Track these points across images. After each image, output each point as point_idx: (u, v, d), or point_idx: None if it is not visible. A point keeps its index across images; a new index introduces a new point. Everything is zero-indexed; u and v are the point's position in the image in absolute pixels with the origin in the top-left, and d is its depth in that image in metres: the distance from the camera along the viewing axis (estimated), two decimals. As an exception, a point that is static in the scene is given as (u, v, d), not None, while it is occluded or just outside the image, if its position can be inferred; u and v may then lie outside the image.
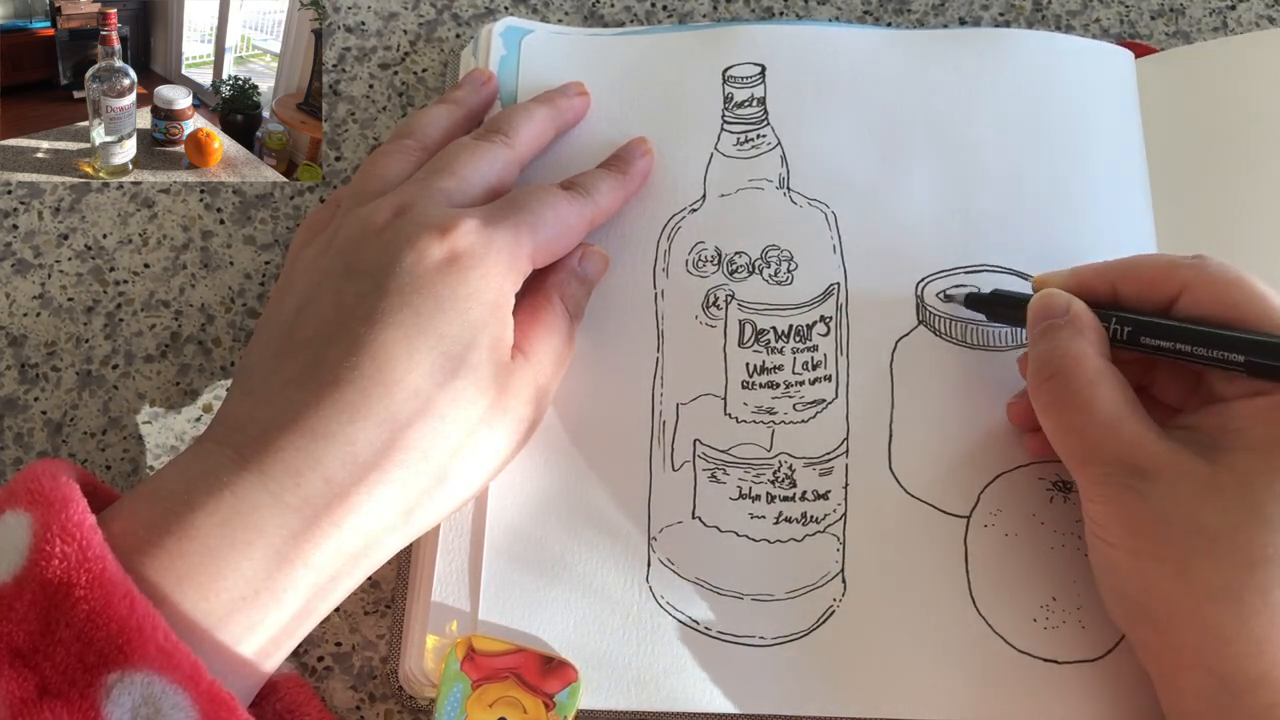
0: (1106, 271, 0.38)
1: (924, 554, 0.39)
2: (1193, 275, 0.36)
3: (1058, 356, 0.36)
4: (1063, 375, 0.35)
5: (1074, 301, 0.37)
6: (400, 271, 0.35)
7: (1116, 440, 0.34)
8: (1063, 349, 0.36)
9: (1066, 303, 0.37)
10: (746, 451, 0.40)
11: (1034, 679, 0.38)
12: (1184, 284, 0.36)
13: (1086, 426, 0.35)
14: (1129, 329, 0.36)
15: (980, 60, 0.45)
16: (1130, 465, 0.34)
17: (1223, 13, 0.50)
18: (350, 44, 0.49)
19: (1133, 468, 0.34)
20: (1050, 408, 0.36)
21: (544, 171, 0.44)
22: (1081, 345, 0.36)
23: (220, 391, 0.44)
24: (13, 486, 0.31)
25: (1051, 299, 0.37)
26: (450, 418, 0.34)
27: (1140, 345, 0.36)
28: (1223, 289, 0.35)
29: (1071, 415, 0.35)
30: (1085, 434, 0.35)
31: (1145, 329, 0.36)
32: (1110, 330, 0.36)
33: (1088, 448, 0.35)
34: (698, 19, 0.50)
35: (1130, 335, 0.36)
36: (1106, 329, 0.36)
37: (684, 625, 0.39)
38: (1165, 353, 0.36)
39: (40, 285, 0.45)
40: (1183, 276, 0.36)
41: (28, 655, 0.29)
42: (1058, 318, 0.37)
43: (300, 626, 0.34)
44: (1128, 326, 0.36)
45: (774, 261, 0.42)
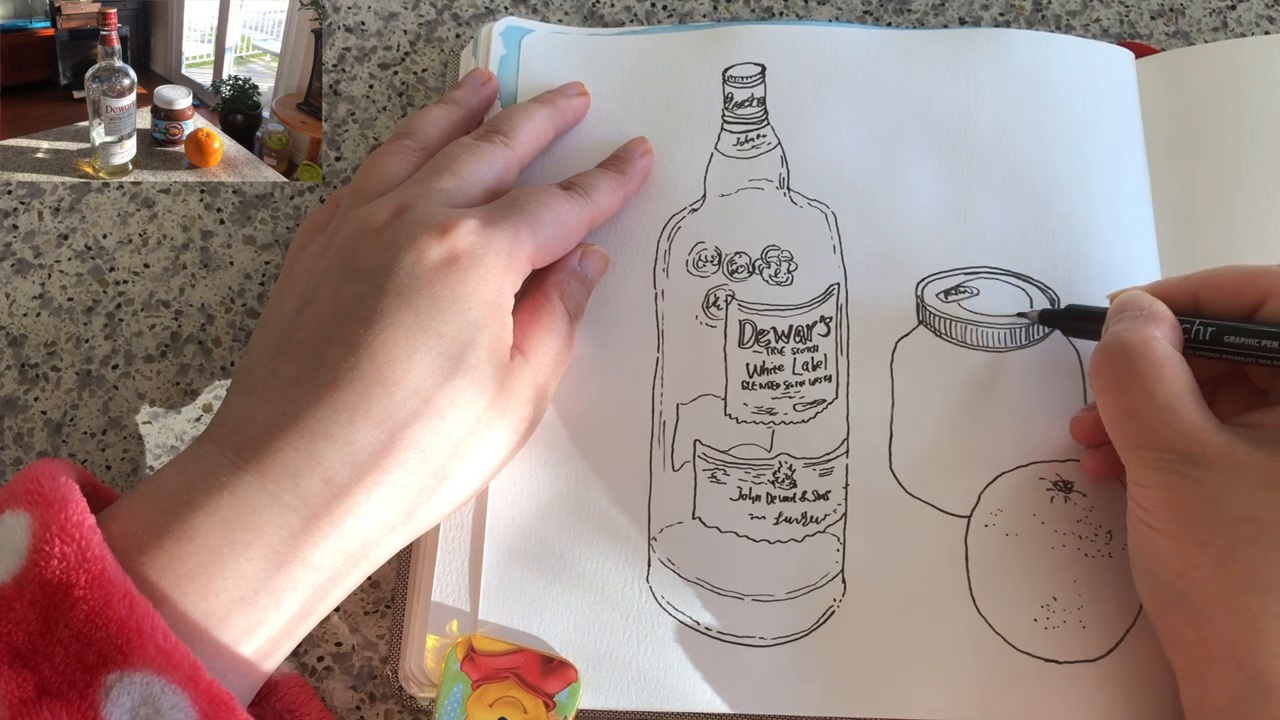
0: (1188, 282, 0.38)
1: (924, 554, 0.39)
2: (1277, 282, 0.36)
3: (1126, 337, 0.35)
4: (1127, 355, 0.35)
5: (1156, 301, 0.37)
6: (399, 272, 0.35)
7: (1174, 426, 0.34)
8: (1133, 330, 0.36)
9: (1149, 300, 0.37)
10: (747, 452, 0.40)
11: (1034, 679, 0.38)
12: (1268, 291, 0.36)
13: (1145, 409, 0.34)
14: (1212, 329, 0.36)
15: (980, 60, 0.45)
16: (1185, 453, 0.33)
17: (1223, 13, 0.50)
18: (350, 44, 0.49)
19: (1188, 455, 0.33)
20: (1110, 387, 0.36)
21: (544, 171, 0.44)
22: (1152, 330, 0.35)
23: (220, 391, 0.44)
24: (12, 486, 0.31)
25: (1135, 297, 0.37)
26: (450, 418, 0.34)
27: (1224, 346, 0.36)
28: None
29: (1131, 397, 0.35)
30: (1142, 417, 0.34)
31: (1230, 329, 0.36)
32: (1193, 331, 0.36)
33: (1143, 430, 0.34)
34: (698, 19, 0.50)
35: (1214, 335, 0.36)
36: (1189, 330, 0.36)
37: (684, 625, 0.39)
38: (1249, 352, 0.35)
39: (40, 285, 0.45)
40: (1266, 283, 0.36)
41: (27, 655, 0.29)
42: (1136, 310, 0.37)
43: (300, 627, 0.34)
44: (1210, 327, 0.36)
45: (774, 262, 0.42)
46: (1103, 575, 0.38)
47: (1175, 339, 0.36)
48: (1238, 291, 0.36)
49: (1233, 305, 0.37)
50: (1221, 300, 0.37)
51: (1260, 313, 0.36)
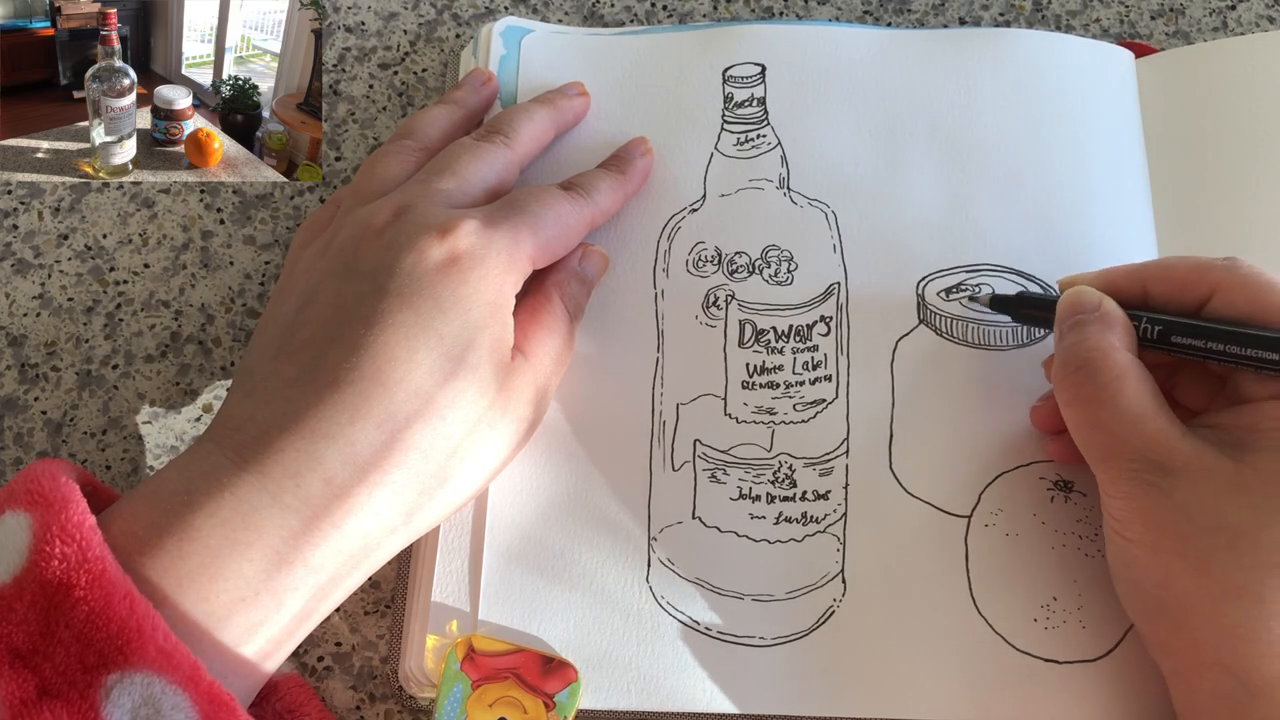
0: (1137, 273, 0.38)
1: (924, 554, 0.39)
2: (1225, 277, 0.36)
3: (1085, 350, 0.35)
4: (1089, 368, 0.35)
5: (1105, 299, 0.37)
6: (400, 272, 0.35)
7: (1141, 436, 0.34)
8: (1091, 342, 0.36)
9: (1098, 299, 0.37)
10: (746, 452, 0.40)
11: (1034, 679, 0.38)
12: (1216, 285, 0.36)
13: (1111, 421, 0.34)
14: (1159, 328, 0.36)
15: (980, 60, 0.45)
16: (1154, 461, 0.33)
17: (1223, 13, 0.50)
18: (350, 44, 0.49)
19: (1156, 464, 0.33)
20: (1075, 401, 0.36)
21: (544, 171, 0.44)
22: (1110, 339, 0.35)
23: (220, 391, 0.44)
24: (12, 487, 0.31)
25: (1083, 295, 0.37)
26: (450, 418, 0.34)
27: (1171, 344, 0.36)
28: (1255, 290, 0.35)
29: (1097, 410, 0.35)
30: (1110, 429, 0.35)
31: (1177, 328, 0.36)
32: (1140, 329, 0.36)
33: (1112, 443, 0.35)
34: (698, 19, 0.50)
35: (1161, 334, 0.36)
36: (1137, 328, 0.36)
37: (684, 625, 0.39)
38: (1196, 352, 0.35)
39: (40, 285, 0.45)
40: (1214, 278, 0.36)
41: (27, 656, 0.29)
42: (1088, 313, 0.36)
43: (301, 627, 0.34)
44: (1158, 325, 0.36)
45: (774, 261, 0.42)
46: (1103, 575, 0.38)
47: (1130, 342, 0.36)
48: (1186, 285, 0.36)
49: (1181, 299, 0.36)
50: (1170, 292, 0.37)
51: (1208, 307, 0.36)
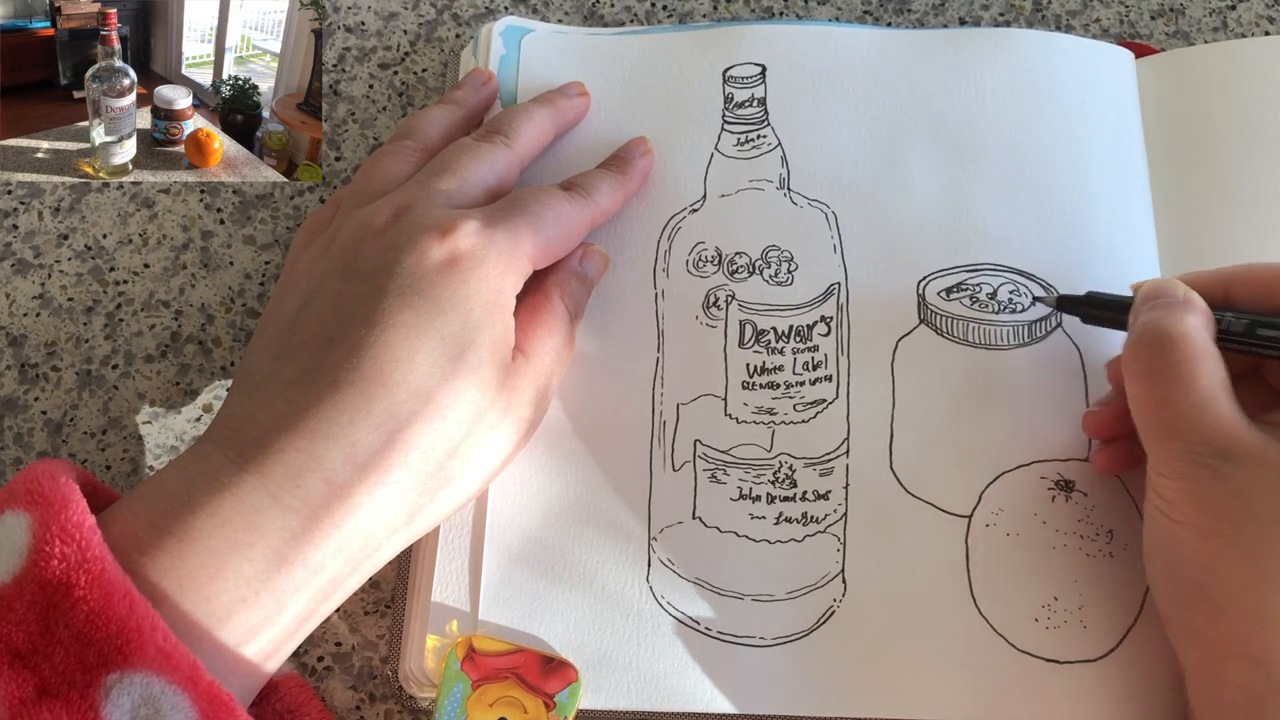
0: (1219, 275, 0.37)
1: (925, 554, 0.39)
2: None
3: (1165, 326, 0.35)
4: (1166, 344, 0.35)
5: (1189, 290, 0.36)
6: (400, 273, 0.35)
7: (1209, 419, 0.33)
8: (1171, 319, 0.35)
9: (1183, 290, 0.36)
10: (747, 452, 0.40)
11: (1035, 679, 0.38)
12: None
13: (1180, 400, 0.34)
14: (1245, 322, 0.36)
15: (980, 60, 0.45)
16: (1218, 446, 0.33)
17: (1223, 13, 0.50)
18: (350, 44, 0.49)
19: (1219, 449, 0.33)
20: (1145, 375, 0.35)
21: (544, 172, 0.44)
22: (1191, 321, 0.35)
23: (220, 391, 0.44)
24: (12, 487, 0.31)
25: (1167, 285, 0.37)
26: (451, 418, 0.34)
27: (1256, 339, 0.35)
28: None
29: (1167, 386, 0.34)
30: (1177, 407, 0.34)
31: (1263, 322, 0.35)
32: (1225, 323, 0.36)
33: (1177, 421, 0.34)
34: (698, 19, 0.50)
35: (1247, 327, 0.35)
36: (1220, 322, 0.36)
37: (684, 625, 0.39)
38: None
39: (40, 285, 0.45)
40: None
41: (27, 656, 0.29)
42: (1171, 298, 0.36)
43: (301, 628, 0.34)
44: (1244, 320, 0.36)
45: (774, 262, 0.42)
46: (1104, 575, 0.38)
47: (1210, 330, 0.36)
48: (1270, 288, 0.36)
49: (1263, 302, 0.36)
50: (1253, 296, 0.36)
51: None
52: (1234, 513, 0.33)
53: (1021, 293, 0.42)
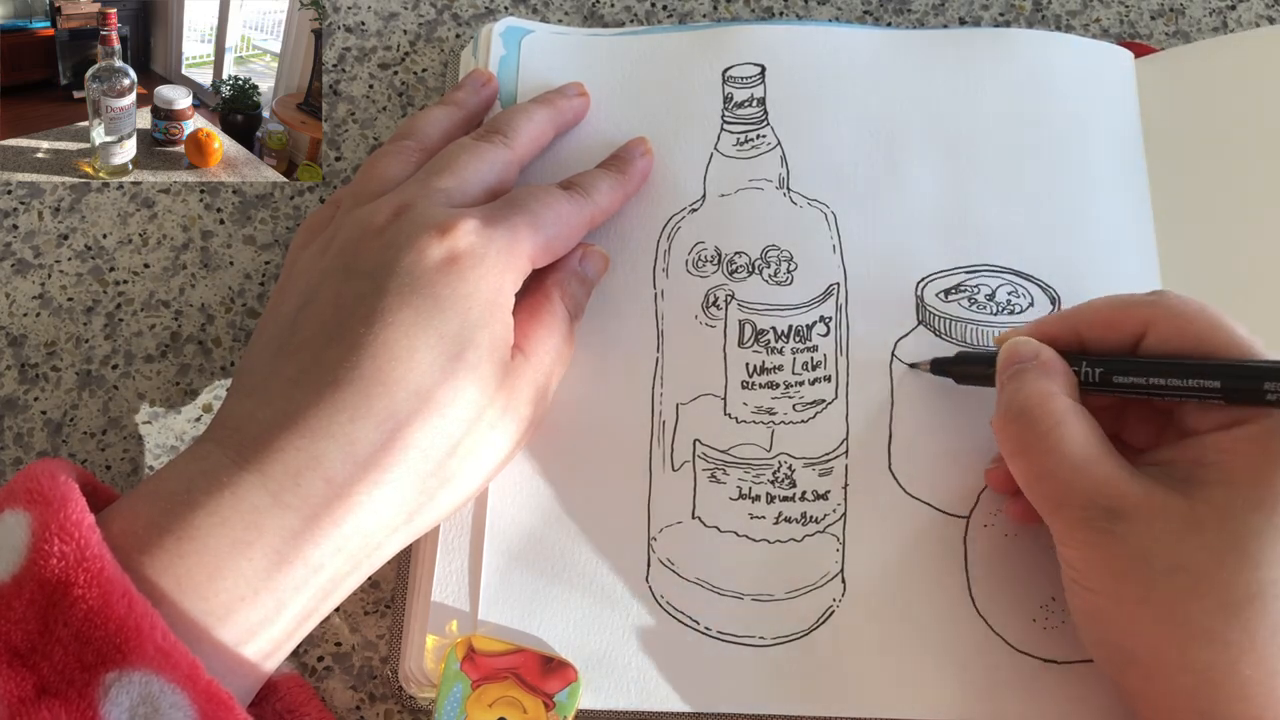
0: (1068, 318, 0.37)
1: (923, 554, 0.39)
2: (1154, 312, 0.35)
3: (1023, 397, 0.35)
4: (1029, 416, 0.35)
5: (1042, 347, 0.36)
6: (400, 272, 0.35)
7: (1089, 481, 0.33)
8: (1029, 389, 0.35)
9: (1035, 348, 0.36)
10: (746, 452, 0.40)
11: (1033, 679, 0.38)
12: (1146, 321, 0.35)
13: (1056, 468, 0.34)
14: (1100, 369, 0.35)
15: (980, 60, 0.45)
16: (1105, 506, 0.33)
17: (1223, 13, 0.50)
18: (350, 44, 0.49)
19: (1108, 509, 0.33)
20: (1019, 451, 0.35)
21: (544, 171, 0.44)
22: (1048, 385, 0.35)
23: (220, 391, 0.44)
24: (12, 486, 0.31)
25: (1019, 346, 0.37)
26: (451, 417, 0.34)
27: (1113, 385, 0.35)
28: (1186, 321, 0.34)
29: (1041, 458, 0.34)
30: (1056, 476, 0.34)
31: (1116, 367, 0.35)
32: (1081, 374, 0.36)
33: (1060, 490, 0.34)
34: (698, 19, 0.50)
35: (1102, 376, 0.35)
36: (1078, 373, 0.36)
37: (684, 625, 0.39)
38: (1138, 390, 0.35)
39: (40, 285, 0.45)
40: (1144, 314, 0.35)
41: (26, 654, 0.29)
42: (1025, 362, 0.36)
43: (301, 627, 0.34)
44: (1099, 368, 0.35)
45: (774, 262, 0.42)
46: (1103, 575, 0.38)
47: (1071, 387, 0.35)
48: (1117, 324, 0.36)
49: (1114, 339, 0.36)
50: (1103, 335, 0.36)
51: (1143, 345, 0.35)
52: (1137, 573, 0.32)
53: (1020, 294, 0.42)
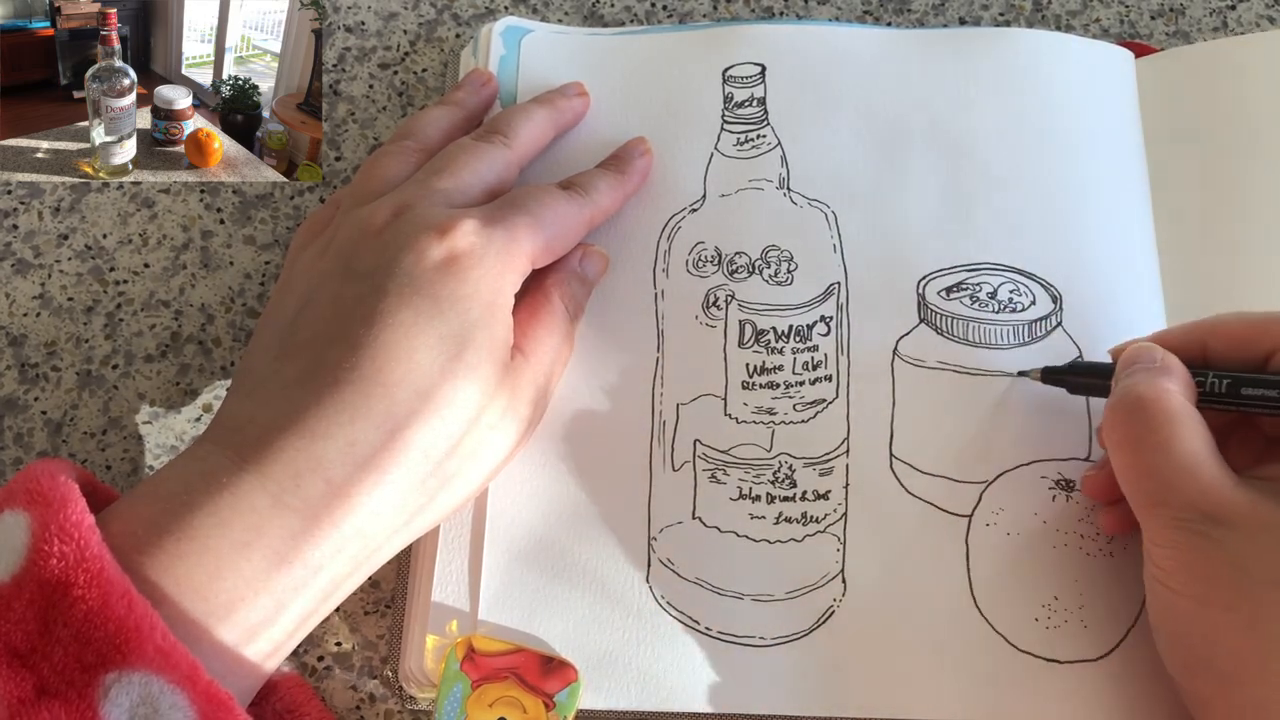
0: (1194, 330, 0.37)
1: (925, 553, 0.39)
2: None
3: (1140, 391, 0.34)
4: (1143, 411, 0.34)
5: (1167, 353, 0.36)
6: (399, 272, 0.35)
7: (1194, 484, 0.33)
8: (1146, 384, 0.34)
9: (1160, 353, 0.36)
10: (746, 452, 0.40)
11: (1035, 679, 0.38)
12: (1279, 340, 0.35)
13: (1163, 466, 0.33)
14: (1227, 381, 0.35)
15: (980, 60, 0.45)
16: (1206, 511, 0.32)
17: (1223, 13, 0.50)
18: (350, 44, 0.49)
19: (1209, 514, 0.32)
20: (1125, 444, 0.35)
21: (543, 171, 0.44)
22: (1167, 383, 0.34)
23: (220, 391, 0.44)
24: (12, 486, 0.31)
25: (1145, 349, 0.36)
26: (450, 417, 0.34)
27: (1240, 398, 0.35)
28: None
29: (1149, 454, 0.34)
30: (1160, 475, 0.33)
31: (1246, 380, 0.35)
32: (1207, 384, 0.35)
33: (1162, 489, 0.33)
34: (698, 19, 0.50)
35: (1230, 387, 0.35)
36: (1202, 384, 0.35)
37: (684, 625, 0.39)
38: (1267, 404, 0.34)
39: (40, 285, 0.45)
40: (1277, 331, 0.35)
41: (25, 655, 0.29)
42: (1147, 363, 0.35)
43: (301, 627, 0.34)
44: (1226, 379, 0.35)
45: (774, 262, 0.42)
46: (1104, 574, 0.38)
47: (1189, 392, 0.35)
48: (1247, 341, 0.35)
49: (1242, 355, 0.36)
50: (1230, 350, 0.36)
51: (1272, 362, 0.35)
52: (1230, 579, 0.32)
53: (1022, 292, 0.42)
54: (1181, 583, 0.33)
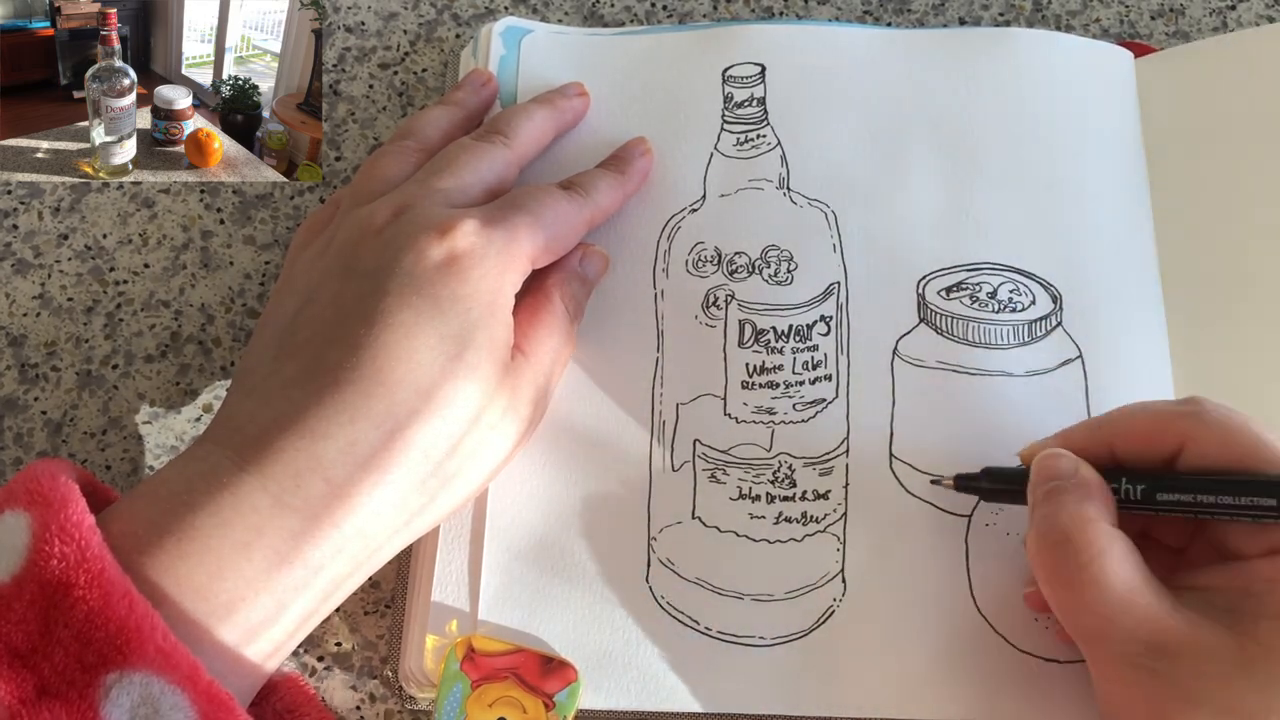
0: (1099, 431, 0.36)
1: (925, 553, 0.39)
2: (1193, 425, 0.34)
3: (1064, 523, 0.33)
4: (1070, 544, 0.33)
5: (1081, 463, 0.35)
6: (399, 272, 0.35)
7: (1131, 616, 0.32)
8: (1069, 513, 0.33)
9: (1074, 465, 0.35)
10: (746, 451, 0.40)
11: (1035, 679, 0.38)
12: (1185, 435, 0.34)
13: (1097, 601, 0.32)
14: (1142, 486, 0.34)
15: (980, 60, 0.45)
16: (1149, 643, 0.31)
17: (1223, 13, 0.50)
18: (350, 44, 0.49)
19: (1152, 646, 0.31)
20: (1057, 581, 0.34)
21: (544, 171, 0.44)
22: (1089, 509, 0.33)
23: (220, 391, 0.44)
24: (12, 486, 0.31)
25: (1057, 461, 0.35)
26: (450, 417, 0.34)
27: (1156, 504, 0.34)
28: (1229, 435, 0.33)
29: (1082, 590, 0.33)
30: (1096, 609, 0.32)
31: (1161, 484, 0.34)
32: (1121, 490, 0.34)
33: (1101, 625, 0.32)
34: (698, 19, 0.50)
35: (1145, 494, 0.34)
36: (1116, 490, 0.34)
37: (684, 625, 0.39)
38: (1184, 508, 0.33)
39: (40, 285, 0.45)
40: (1183, 427, 0.34)
41: (26, 655, 0.29)
42: (1063, 479, 0.34)
43: (301, 627, 0.34)
44: (1140, 484, 0.34)
45: (774, 261, 0.42)
46: (1103, 575, 0.38)
47: (1109, 510, 0.34)
48: (1152, 439, 0.34)
49: (1150, 452, 0.35)
50: (1137, 449, 0.35)
51: (1180, 459, 0.34)
52: (1183, 715, 0.31)
53: (1021, 292, 0.42)
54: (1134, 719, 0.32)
